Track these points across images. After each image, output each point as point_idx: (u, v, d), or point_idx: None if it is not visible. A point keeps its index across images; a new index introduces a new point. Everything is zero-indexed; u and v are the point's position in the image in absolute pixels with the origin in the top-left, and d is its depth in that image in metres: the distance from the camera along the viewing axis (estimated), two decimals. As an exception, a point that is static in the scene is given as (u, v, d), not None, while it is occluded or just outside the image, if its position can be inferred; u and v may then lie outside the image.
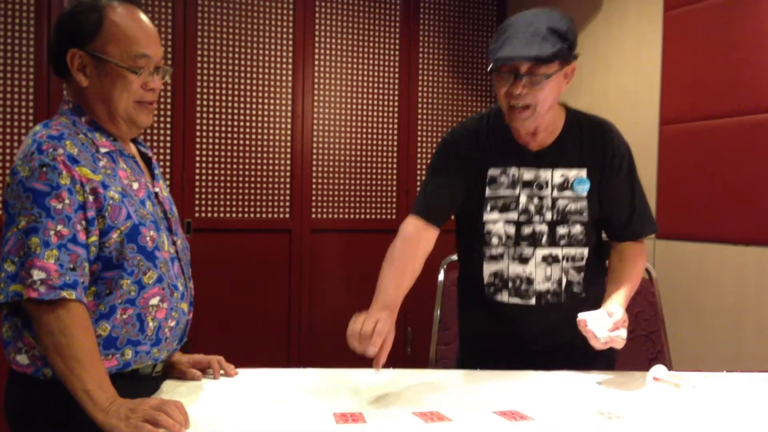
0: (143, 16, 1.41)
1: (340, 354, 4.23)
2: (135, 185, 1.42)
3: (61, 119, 1.39)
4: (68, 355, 1.23)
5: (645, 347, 2.33)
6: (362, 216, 3.94)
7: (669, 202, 3.03)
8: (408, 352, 3.94)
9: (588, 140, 1.74)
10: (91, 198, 1.30)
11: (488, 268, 1.76)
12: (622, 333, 1.53)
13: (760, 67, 2.64)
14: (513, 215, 1.73)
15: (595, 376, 1.65)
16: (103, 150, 1.39)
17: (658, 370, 1.61)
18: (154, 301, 1.39)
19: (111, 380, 1.28)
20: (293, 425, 1.26)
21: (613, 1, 3.40)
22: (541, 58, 1.56)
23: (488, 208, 1.74)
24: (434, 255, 2.18)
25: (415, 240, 1.71)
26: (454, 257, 2.36)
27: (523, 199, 1.73)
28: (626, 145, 1.78)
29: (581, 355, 1.68)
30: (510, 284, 1.74)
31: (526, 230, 1.73)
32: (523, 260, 1.73)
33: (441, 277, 2.29)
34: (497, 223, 1.74)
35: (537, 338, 1.76)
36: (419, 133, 4.04)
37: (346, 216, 3.90)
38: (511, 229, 1.73)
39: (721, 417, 1.38)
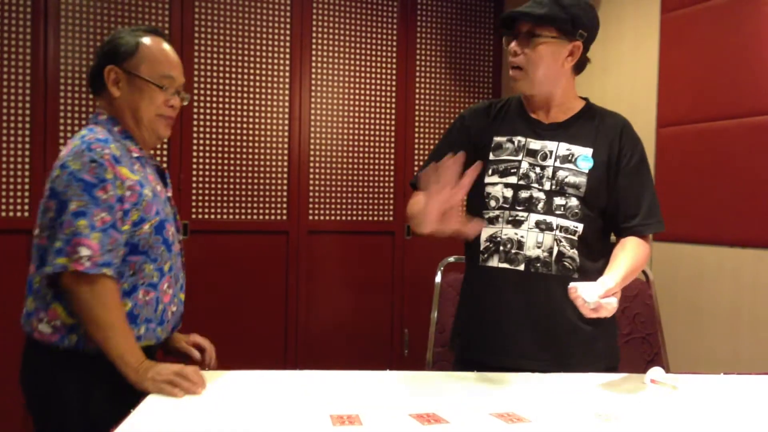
0: (170, 47, 1.69)
1: (337, 355, 4.20)
2: (158, 188, 1.67)
3: (99, 127, 1.61)
4: (104, 323, 1.46)
5: (642, 349, 2.33)
6: (359, 218, 3.93)
7: (666, 204, 2.99)
8: (405, 354, 3.94)
9: (602, 129, 1.78)
10: (127, 193, 1.53)
11: (485, 233, 1.75)
12: (613, 301, 1.49)
13: (757, 70, 2.65)
14: (512, 179, 1.75)
15: (592, 378, 1.65)
16: (135, 155, 1.63)
17: (655, 372, 1.61)
18: (165, 286, 1.63)
19: None
20: (290, 427, 1.26)
21: (611, 3, 3.41)
22: (529, 15, 1.68)
23: (490, 171, 1.77)
24: (432, 257, 2.16)
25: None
26: (451, 259, 2.37)
27: (524, 166, 1.74)
28: (640, 141, 1.81)
29: (577, 353, 1.68)
30: (501, 248, 1.73)
31: (523, 194, 1.73)
32: (517, 223, 1.72)
33: (438, 279, 2.29)
34: (496, 186, 1.75)
35: (521, 318, 1.71)
36: (416, 135, 4.04)
37: (343, 218, 3.90)
38: (509, 192, 1.74)
39: (718, 419, 1.38)
